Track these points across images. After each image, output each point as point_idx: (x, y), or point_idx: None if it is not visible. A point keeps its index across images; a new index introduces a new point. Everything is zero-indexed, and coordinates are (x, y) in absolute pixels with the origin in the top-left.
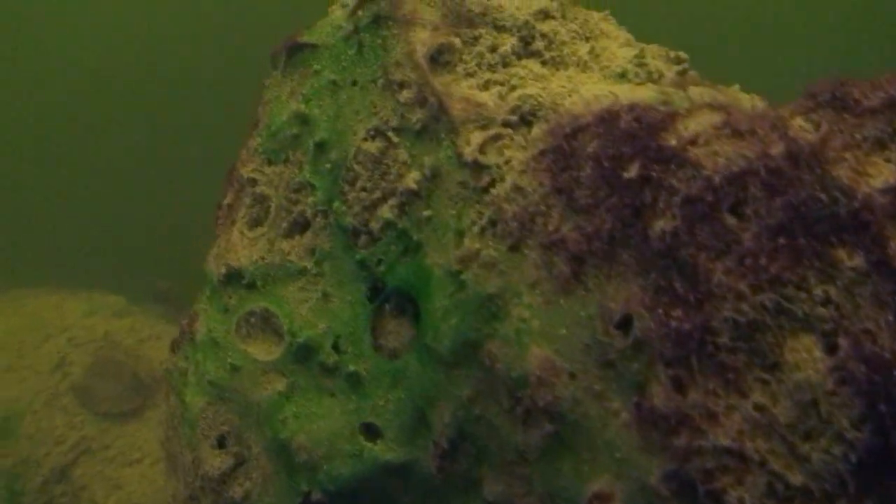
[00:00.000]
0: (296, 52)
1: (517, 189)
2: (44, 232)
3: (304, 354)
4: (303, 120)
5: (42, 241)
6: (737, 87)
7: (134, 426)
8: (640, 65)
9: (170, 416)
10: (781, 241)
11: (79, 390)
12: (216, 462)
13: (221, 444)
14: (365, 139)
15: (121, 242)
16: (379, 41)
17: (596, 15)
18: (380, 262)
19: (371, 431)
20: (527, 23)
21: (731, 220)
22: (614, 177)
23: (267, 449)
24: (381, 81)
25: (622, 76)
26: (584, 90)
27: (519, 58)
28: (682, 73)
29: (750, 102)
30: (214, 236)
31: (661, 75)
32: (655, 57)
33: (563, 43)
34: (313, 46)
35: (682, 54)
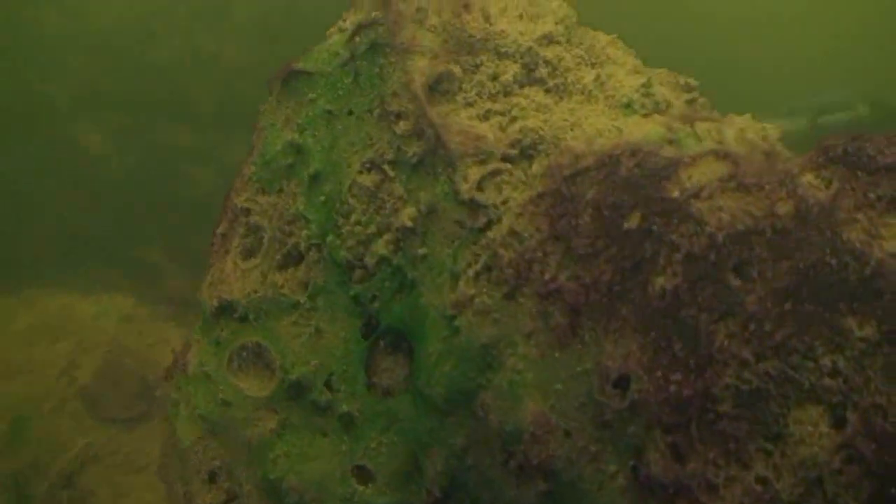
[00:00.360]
0: (291, 79)
1: (513, 234)
2: (56, 231)
3: (296, 392)
4: (297, 150)
5: (54, 241)
6: (748, 116)
7: (141, 432)
8: (647, 94)
9: (165, 443)
10: (787, 306)
11: (86, 395)
12: (207, 497)
13: (213, 479)
14: (360, 172)
15: (132, 241)
16: (376, 69)
17: (603, 38)
18: (374, 298)
19: (363, 474)
20: (530, 49)
21: (734, 282)
22: (614, 227)
23: (258, 487)
24: (377, 112)
25: (628, 106)
26: (587, 124)
27: (521, 86)
28: (691, 102)
29: (761, 133)
30: (209, 264)
31: (668, 105)
32: (664, 84)
33: (568, 69)
34: (309, 74)
35: (692, 81)
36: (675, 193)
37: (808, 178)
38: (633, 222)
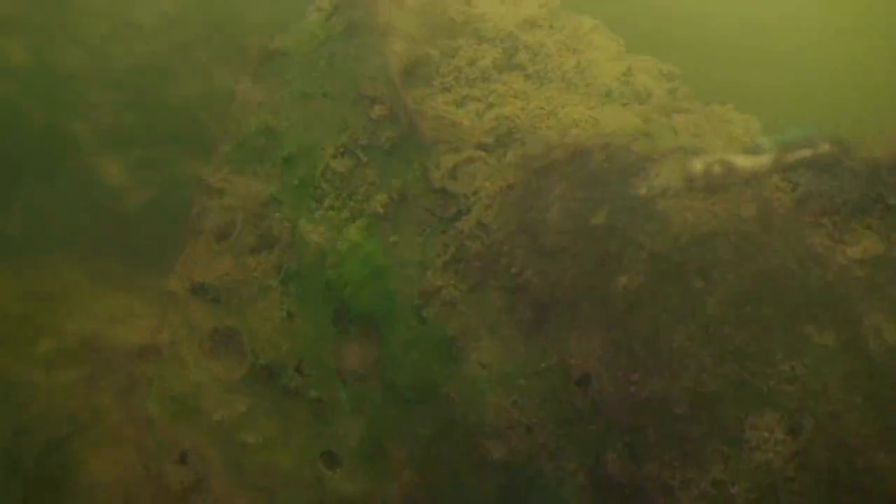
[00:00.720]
0: (267, 59)
1: (482, 226)
2: (49, 200)
3: (266, 375)
4: (271, 132)
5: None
6: (730, 106)
7: (130, 402)
8: (627, 83)
9: (140, 419)
10: (748, 310)
11: (77, 364)
12: (177, 477)
13: (183, 459)
14: (334, 156)
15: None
16: (352, 52)
17: (587, 24)
18: (346, 284)
19: (331, 460)
20: (511, 34)
21: (697, 283)
22: (581, 222)
23: (227, 469)
24: (352, 95)
25: (607, 96)
26: (563, 113)
27: (500, 71)
28: (673, 92)
29: (744, 124)
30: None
31: (649, 94)
32: (646, 72)
33: (549, 55)
34: (285, 54)
35: (675, 69)
36: (643, 191)
37: (775, 180)
38: (599, 219)
